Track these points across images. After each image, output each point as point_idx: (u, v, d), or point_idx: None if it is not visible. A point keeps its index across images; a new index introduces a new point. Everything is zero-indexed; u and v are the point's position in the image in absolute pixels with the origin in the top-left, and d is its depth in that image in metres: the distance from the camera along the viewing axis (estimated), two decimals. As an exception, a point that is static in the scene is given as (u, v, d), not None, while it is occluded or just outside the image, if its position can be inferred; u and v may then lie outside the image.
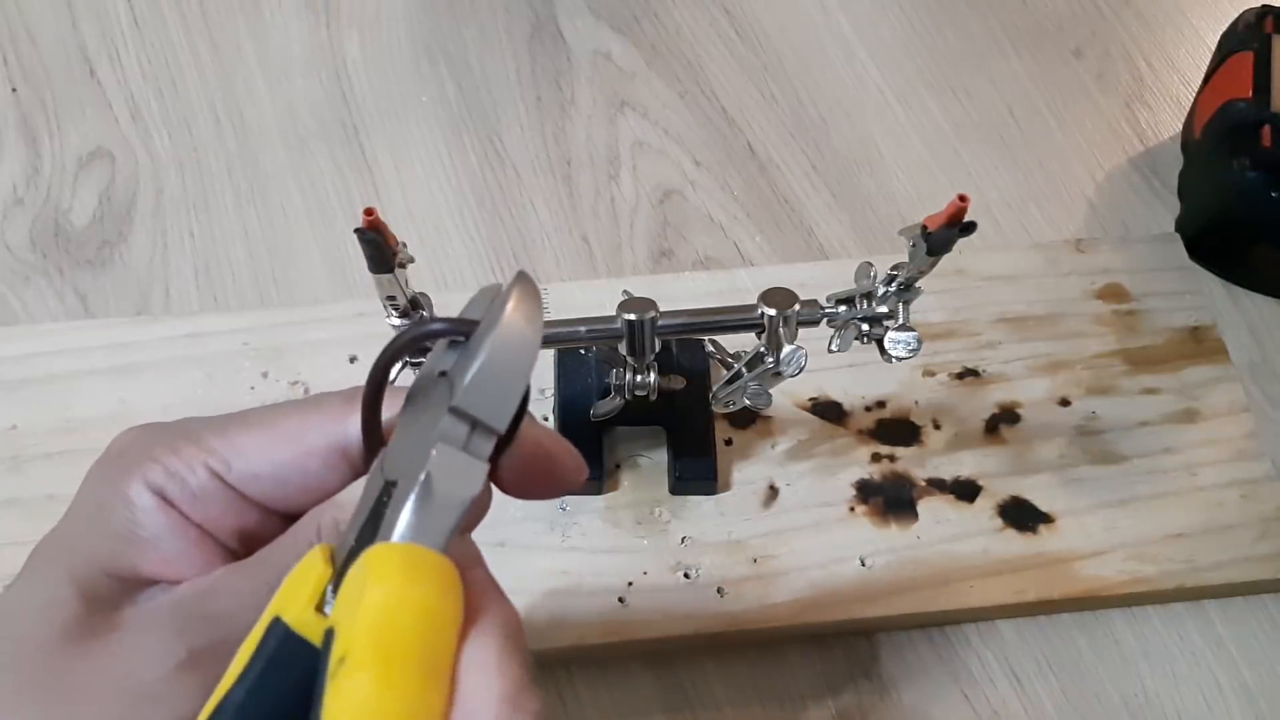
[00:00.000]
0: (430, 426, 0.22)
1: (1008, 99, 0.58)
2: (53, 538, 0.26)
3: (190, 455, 0.25)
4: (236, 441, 0.25)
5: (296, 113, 0.57)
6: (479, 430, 0.22)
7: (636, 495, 0.45)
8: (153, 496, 0.25)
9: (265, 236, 0.53)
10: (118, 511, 0.25)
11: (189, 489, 0.25)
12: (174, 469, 0.25)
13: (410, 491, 0.21)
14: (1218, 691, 0.44)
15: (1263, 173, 0.48)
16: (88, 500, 0.26)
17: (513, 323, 0.22)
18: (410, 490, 0.21)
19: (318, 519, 0.25)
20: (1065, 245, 0.52)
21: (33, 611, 0.24)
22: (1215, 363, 0.49)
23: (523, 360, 0.22)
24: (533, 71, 0.59)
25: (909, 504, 0.45)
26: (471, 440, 0.22)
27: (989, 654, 0.44)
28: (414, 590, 0.20)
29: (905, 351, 0.39)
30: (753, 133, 0.57)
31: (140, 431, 0.26)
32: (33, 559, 0.25)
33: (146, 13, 0.60)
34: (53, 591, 0.24)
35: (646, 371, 0.41)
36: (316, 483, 0.25)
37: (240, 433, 0.25)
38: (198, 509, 0.25)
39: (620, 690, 0.43)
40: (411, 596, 0.20)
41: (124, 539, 0.25)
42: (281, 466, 0.25)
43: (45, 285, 0.52)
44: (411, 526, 0.21)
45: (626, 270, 0.53)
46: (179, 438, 0.25)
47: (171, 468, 0.25)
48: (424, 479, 0.22)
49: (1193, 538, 0.45)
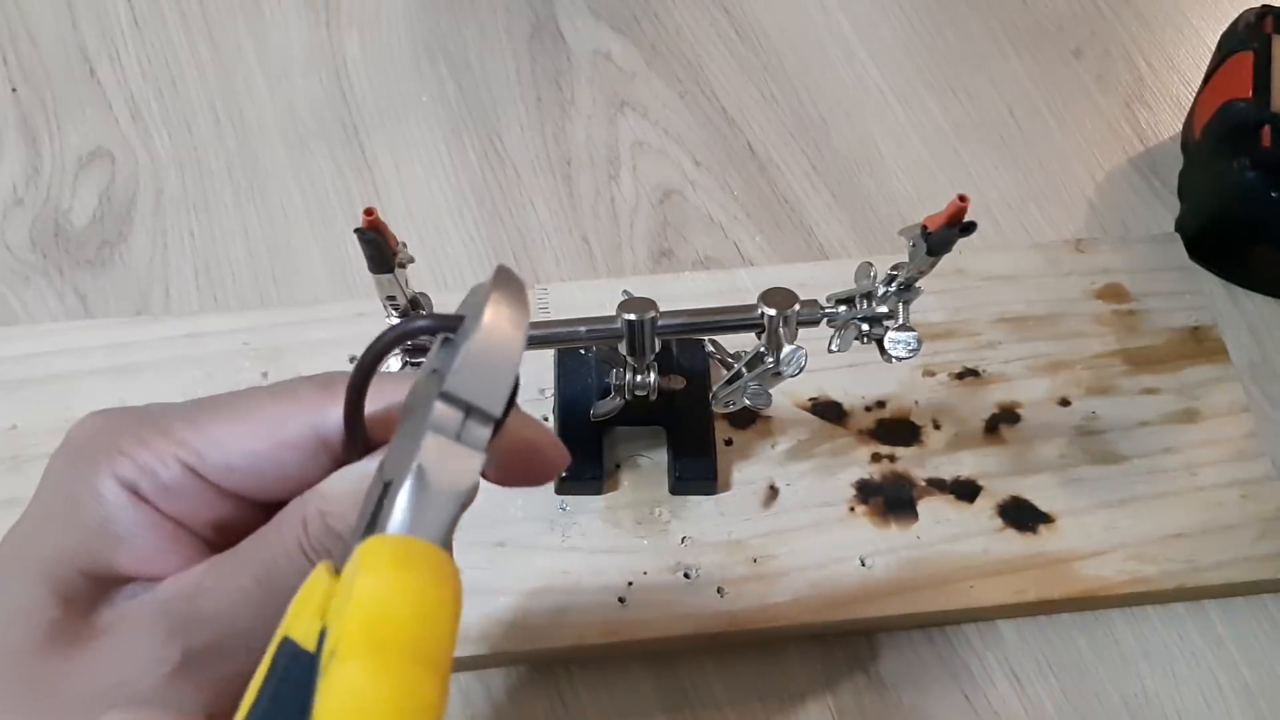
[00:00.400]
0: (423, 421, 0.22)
1: (1008, 99, 0.58)
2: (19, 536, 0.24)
3: (160, 448, 0.24)
4: (208, 432, 0.24)
5: (296, 112, 0.57)
6: (472, 417, 0.22)
7: (636, 495, 0.45)
8: (123, 491, 0.23)
9: (265, 236, 0.53)
10: (88, 507, 0.23)
11: (160, 483, 0.24)
12: (144, 462, 0.24)
13: (403, 483, 0.21)
14: (1218, 691, 0.44)
15: (1263, 173, 0.48)
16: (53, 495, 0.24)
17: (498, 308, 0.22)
18: (403, 482, 0.21)
19: (302, 510, 0.23)
20: (1065, 245, 0.52)
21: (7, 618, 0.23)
22: (1215, 363, 0.49)
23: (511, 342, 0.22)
24: (533, 71, 0.59)
25: (909, 504, 0.45)
26: (465, 428, 0.22)
27: (989, 654, 0.44)
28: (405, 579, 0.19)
29: (905, 351, 0.39)
30: (753, 133, 0.57)
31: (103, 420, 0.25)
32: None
33: (146, 13, 0.60)
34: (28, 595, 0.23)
35: (646, 371, 0.41)
36: (296, 472, 0.24)
37: (211, 422, 0.24)
38: (171, 503, 0.24)
39: (620, 690, 0.43)
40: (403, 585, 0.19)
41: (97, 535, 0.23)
42: (257, 458, 0.24)
43: (45, 285, 0.52)
44: (406, 518, 0.21)
45: (626, 270, 0.53)
46: (146, 428, 0.24)
47: (141, 461, 0.24)
48: (416, 469, 0.21)
49: (1193, 538, 0.45)
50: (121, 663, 0.22)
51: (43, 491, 0.25)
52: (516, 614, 0.42)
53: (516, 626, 0.42)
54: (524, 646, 0.42)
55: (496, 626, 0.42)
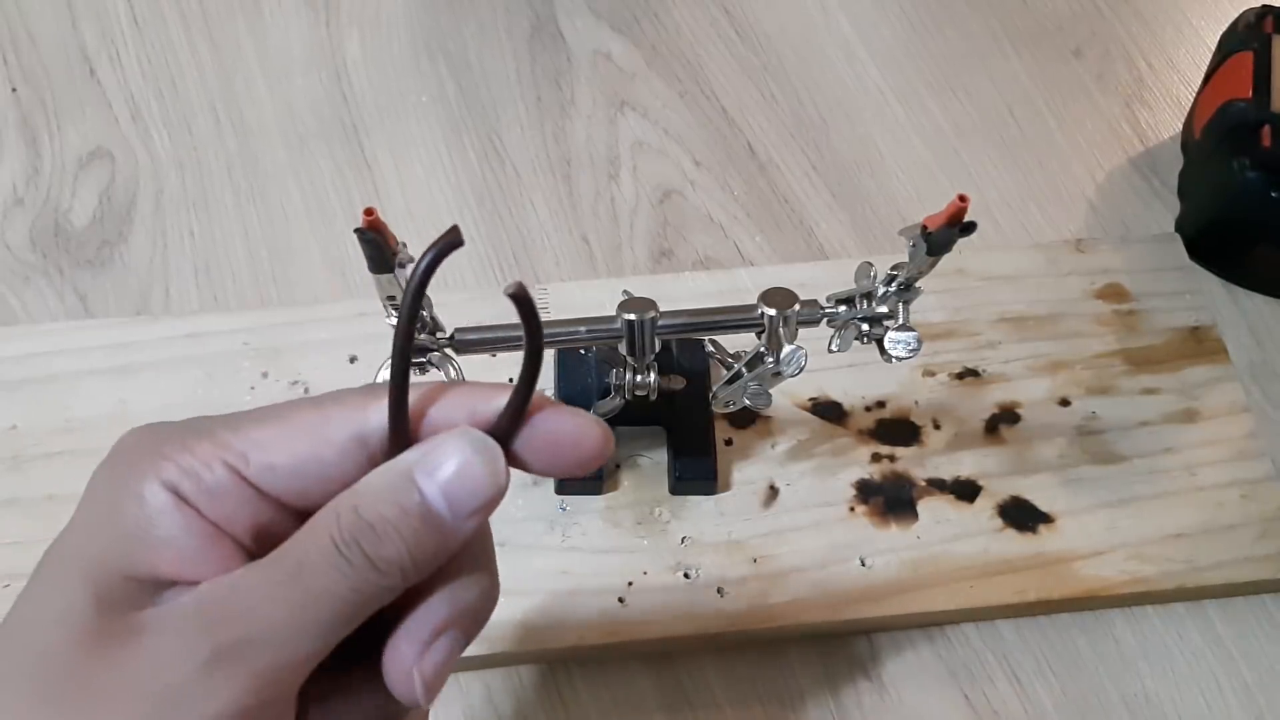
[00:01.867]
0: None
1: (1008, 99, 0.58)
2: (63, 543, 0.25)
3: (205, 451, 0.25)
4: (252, 435, 0.25)
5: (296, 112, 0.57)
6: None
7: (636, 495, 0.45)
8: (168, 495, 0.24)
9: (265, 236, 0.53)
10: (131, 512, 0.24)
11: (205, 486, 0.24)
12: (188, 466, 0.24)
13: None
14: (1218, 691, 0.44)
15: (1263, 173, 0.48)
16: (97, 502, 0.25)
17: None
18: None
19: (336, 509, 0.24)
20: (1065, 245, 0.52)
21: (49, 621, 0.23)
22: (1215, 363, 0.49)
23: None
24: (533, 71, 0.59)
25: (909, 504, 0.45)
26: None
27: (989, 654, 0.44)
28: None
29: (905, 351, 0.39)
30: (753, 133, 0.57)
31: (147, 431, 0.26)
32: (44, 566, 0.25)
33: (146, 13, 0.60)
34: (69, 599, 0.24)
35: (646, 371, 0.41)
36: (336, 472, 0.25)
37: (254, 428, 0.25)
38: (214, 506, 0.25)
39: (620, 690, 0.43)
40: None
41: (139, 540, 0.24)
42: (299, 458, 0.25)
43: (45, 285, 0.52)
44: None
45: (626, 270, 0.53)
46: (191, 435, 0.25)
47: (185, 465, 0.24)
48: None
49: (1193, 538, 0.45)
50: (155, 659, 0.23)
51: (86, 500, 0.25)
52: (516, 614, 0.42)
53: (516, 626, 0.42)
54: (524, 646, 0.42)
55: (497, 626, 0.42)
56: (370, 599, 0.24)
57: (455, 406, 0.25)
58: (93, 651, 0.23)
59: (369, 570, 0.24)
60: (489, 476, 0.25)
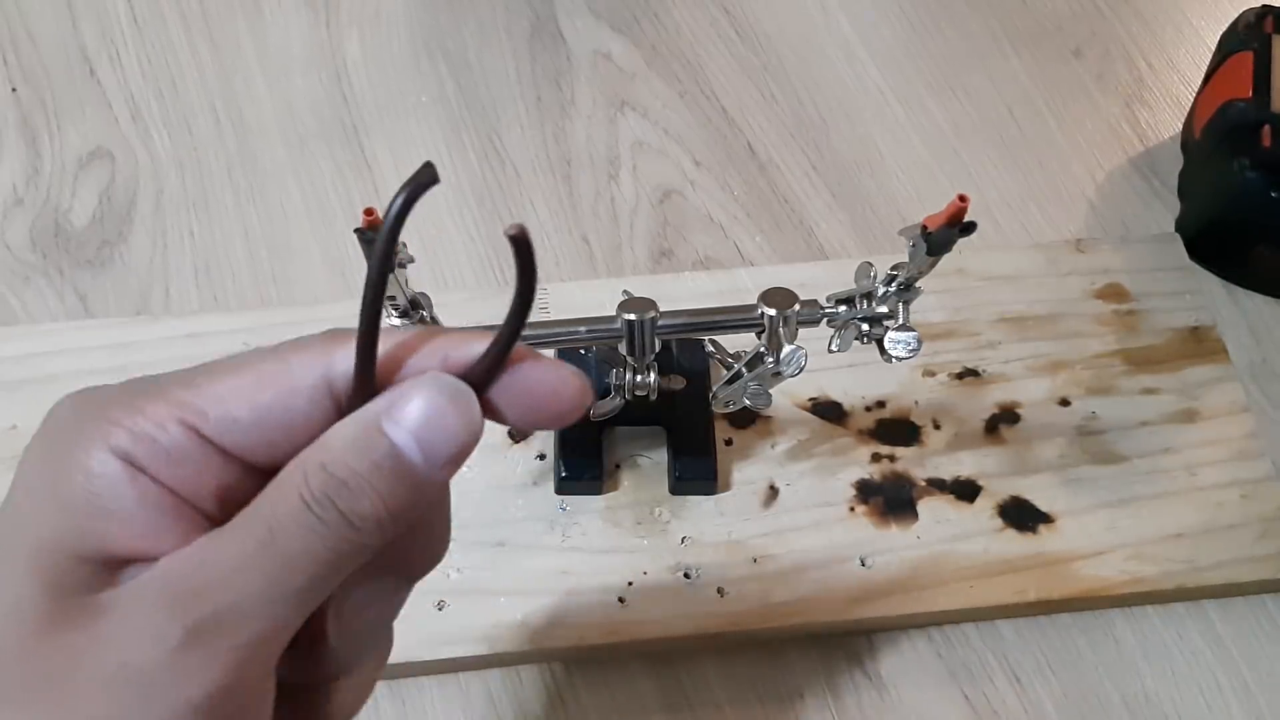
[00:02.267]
0: None
1: (1008, 99, 0.58)
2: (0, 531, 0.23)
3: (157, 412, 0.22)
4: (209, 389, 0.23)
5: (296, 112, 0.57)
6: None
7: (636, 495, 0.45)
8: (118, 463, 0.22)
9: (265, 236, 0.53)
10: (77, 486, 0.22)
11: (160, 448, 0.22)
12: (140, 429, 0.22)
13: None
14: (1217, 691, 0.44)
15: (1263, 173, 0.48)
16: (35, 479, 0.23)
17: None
18: None
19: (302, 465, 0.22)
20: (1065, 245, 0.52)
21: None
22: (1215, 363, 0.49)
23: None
24: (533, 71, 0.59)
25: (909, 504, 0.45)
26: None
27: (989, 654, 0.44)
28: None
29: (905, 351, 0.39)
30: (753, 133, 0.57)
31: (86, 396, 0.23)
32: None
33: (146, 13, 0.60)
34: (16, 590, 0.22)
35: (646, 371, 0.41)
36: (303, 421, 0.23)
37: (210, 381, 0.23)
38: (172, 471, 0.22)
39: (620, 690, 0.43)
40: None
41: (88, 516, 0.22)
42: (262, 409, 0.23)
43: (45, 285, 0.52)
44: None
45: (626, 270, 0.53)
46: (139, 396, 0.23)
47: (137, 428, 0.22)
48: None
49: (1193, 538, 0.45)
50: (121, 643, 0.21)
51: (21, 478, 0.23)
52: (516, 614, 0.42)
53: (516, 626, 0.42)
54: (524, 646, 0.42)
55: (496, 626, 0.42)
56: (347, 558, 0.22)
57: (427, 353, 0.24)
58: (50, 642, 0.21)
59: (345, 528, 0.22)
60: (462, 422, 0.23)
